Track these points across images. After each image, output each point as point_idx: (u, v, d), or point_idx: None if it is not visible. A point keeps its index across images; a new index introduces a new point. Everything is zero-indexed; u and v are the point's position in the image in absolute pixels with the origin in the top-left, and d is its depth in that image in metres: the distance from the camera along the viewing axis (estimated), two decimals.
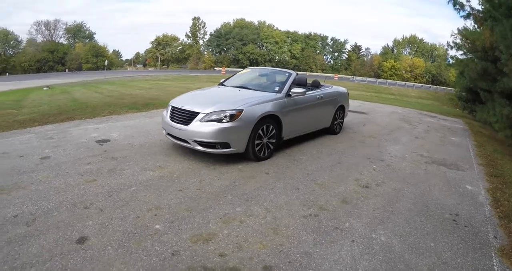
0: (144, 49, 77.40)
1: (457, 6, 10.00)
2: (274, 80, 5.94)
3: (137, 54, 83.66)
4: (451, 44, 11.33)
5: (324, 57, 79.37)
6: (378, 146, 6.51)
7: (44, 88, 17.16)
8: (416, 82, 57.68)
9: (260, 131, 4.64)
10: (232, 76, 6.62)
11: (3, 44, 64.26)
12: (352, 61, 75.61)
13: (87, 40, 71.27)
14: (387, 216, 3.51)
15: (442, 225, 3.43)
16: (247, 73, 6.81)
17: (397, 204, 3.85)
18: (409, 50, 77.43)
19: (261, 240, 2.70)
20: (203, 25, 72.27)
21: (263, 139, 4.77)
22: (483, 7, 9.55)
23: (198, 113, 4.42)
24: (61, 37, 71.26)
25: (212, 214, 3.08)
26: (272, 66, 67.96)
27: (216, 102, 4.66)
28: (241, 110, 4.39)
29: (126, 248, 2.43)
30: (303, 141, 6.29)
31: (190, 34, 72.06)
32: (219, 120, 4.27)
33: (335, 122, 7.10)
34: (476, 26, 10.21)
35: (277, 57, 72.60)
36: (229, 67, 61.21)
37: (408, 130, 8.66)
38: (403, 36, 78.34)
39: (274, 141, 5.02)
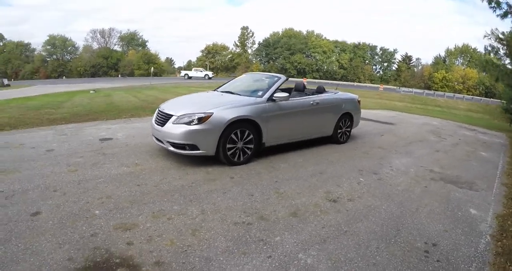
0: (195, 58, 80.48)
1: (493, 4, 8.66)
2: (261, 85, 5.58)
3: (189, 62, 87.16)
4: (488, 48, 9.85)
5: (373, 67, 75.99)
6: (382, 158, 5.72)
7: (90, 92, 18.34)
8: (469, 95, 52.42)
9: (233, 136, 4.51)
10: (228, 81, 6.49)
11: (61, 50, 70.88)
12: (401, 72, 71.16)
13: (140, 48, 75.50)
14: (335, 236, 2.93)
15: (405, 256, 2.72)
16: (241, 79, 6.58)
17: (359, 223, 3.20)
18: (461, 61, 71.10)
19: (173, 238, 2.66)
20: (251, 34, 73.48)
21: (238, 144, 4.59)
22: None
23: (172, 115, 4.51)
24: (115, 45, 76.50)
25: (148, 209, 3.12)
26: (320, 76, 66.76)
27: (192, 105, 4.76)
28: (211, 114, 4.34)
29: (62, 224, 2.75)
30: (295, 148, 5.81)
31: (238, 43, 73.58)
32: (188, 123, 4.29)
33: (340, 131, 6.46)
34: None
35: (325, 67, 71.14)
36: None
37: (431, 143, 7.60)
38: (455, 45, 72.04)
39: (252, 146, 4.77)
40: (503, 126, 13.03)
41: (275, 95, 5.06)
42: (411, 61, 74.35)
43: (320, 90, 6.49)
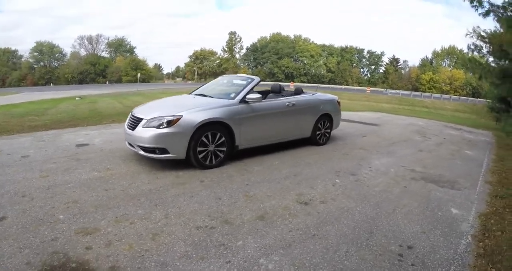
0: (184, 63, 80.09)
1: (475, 3, 8.65)
2: (235, 87, 5.37)
3: (178, 68, 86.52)
4: (471, 46, 9.84)
5: (361, 70, 76.77)
6: (362, 159, 5.53)
7: (76, 98, 17.90)
8: (456, 95, 53.15)
9: (203, 139, 4.36)
10: (203, 84, 6.38)
11: (48, 56, 69.09)
12: (389, 74, 72.02)
13: (128, 54, 74.16)
14: (302, 240, 2.71)
15: (376, 260, 2.49)
16: (216, 81, 6.40)
17: (329, 226, 2.98)
18: (448, 62, 72.29)
19: (133, 242, 2.57)
20: (239, 39, 73.47)
21: (209, 147, 4.42)
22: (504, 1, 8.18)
23: (142, 119, 4.42)
24: (103, 51, 74.81)
25: (112, 213, 3.05)
26: (308, 80, 67.08)
27: (162, 109, 4.68)
28: (180, 117, 4.22)
29: (25, 229, 2.70)
30: (273, 151, 5.58)
31: (226, 49, 73.47)
32: (158, 126, 4.17)
33: (319, 133, 6.27)
34: (498, 25, 8.72)
35: (312, 70, 71.58)
36: (264, 80, 61.39)
37: (415, 143, 7.46)
38: (442, 47, 73.34)
39: (224, 149, 4.60)
40: (489, 124, 13.05)
41: (247, 96, 4.90)
42: (399, 64, 75.44)
43: (298, 91, 6.32)
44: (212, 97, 5.21)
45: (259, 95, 4.93)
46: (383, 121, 11.31)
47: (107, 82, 60.08)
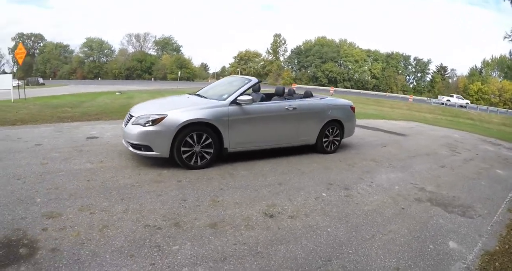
0: (228, 64, 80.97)
1: None
2: (232, 88, 5.03)
3: (223, 68, 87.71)
4: None
5: (406, 77, 72.05)
6: (368, 172, 4.89)
7: (116, 93, 18.74)
8: (505, 108, 47.09)
9: (188, 139, 4.20)
10: (208, 85, 6.25)
11: (98, 52, 72.72)
12: (436, 83, 66.73)
13: (174, 53, 75.85)
14: (241, 256, 2.39)
15: None
16: (219, 82, 6.23)
17: (282, 246, 2.59)
18: (498, 73, 65.10)
19: (82, 231, 2.59)
20: (283, 41, 72.48)
21: (194, 147, 4.25)
22: None
23: (132, 116, 4.42)
24: (149, 49, 77.34)
25: (81, 202, 3.09)
26: (351, 85, 64.53)
27: (153, 107, 4.63)
28: (165, 116, 4.12)
29: (5, 207, 2.89)
30: (272, 156, 5.22)
31: (271, 51, 72.84)
32: (144, 124, 4.12)
33: (326, 140, 5.70)
34: None
35: (356, 76, 68.80)
36: (307, 84, 60.09)
37: (439, 157, 6.55)
38: (492, 56, 66.01)
39: (211, 150, 4.37)
40: None
41: (239, 98, 4.58)
42: (446, 72, 69.61)
43: (307, 95, 5.80)
44: (206, 97, 4.99)
45: (249, 97, 4.60)
46: (414, 131, 10.27)
47: (152, 79, 62.18)
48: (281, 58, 73.12)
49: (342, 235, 2.83)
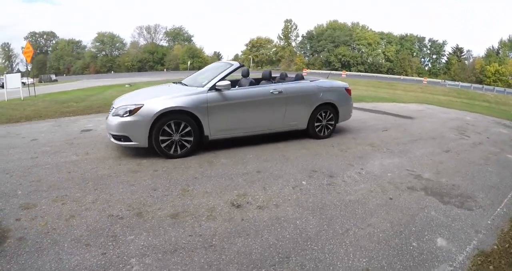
0: (240, 51, 79.44)
1: None
2: (213, 74, 4.66)
3: (236, 56, 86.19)
4: None
5: (421, 60, 68.63)
6: (360, 158, 4.45)
7: (126, 86, 18.59)
8: None
9: (166, 128, 3.99)
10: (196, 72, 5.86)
11: (110, 46, 71.70)
12: (451, 65, 63.00)
13: (186, 43, 74.24)
14: (192, 248, 2.24)
15: None
16: (205, 68, 5.79)
17: (240, 239, 2.35)
18: None
19: (50, 220, 2.58)
20: (295, 27, 70.10)
21: (173, 136, 4.04)
22: None
23: (113, 108, 4.32)
24: (161, 40, 75.50)
25: (57, 193, 3.07)
26: (365, 69, 62.49)
27: (132, 98, 4.44)
28: (141, 105, 3.94)
29: None
30: (258, 142, 4.89)
31: (282, 36, 70.79)
32: (122, 115, 3.98)
33: (318, 124, 5.25)
34: None
35: (370, 59, 66.40)
36: (320, 69, 58.53)
37: (445, 141, 5.97)
38: (509, 36, 61.39)
39: (191, 139, 4.11)
40: None
41: (217, 84, 4.24)
42: (462, 54, 65.46)
43: (298, 78, 5.34)
44: (187, 85, 4.67)
45: (227, 82, 4.25)
46: (423, 114, 9.58)
47: (165, 69, 61.26)
48: (293, 44, 71.06)
49: (311, 229, 2.46)
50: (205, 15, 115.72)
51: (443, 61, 66.94)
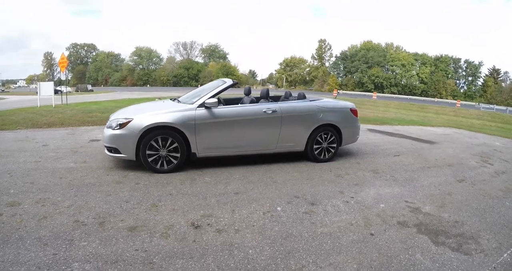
0: (274, 70, 79.34)
1: None
2: (206, 91, 4.58)
3: (271, 74, 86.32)
4: None
5: (456, 82, 64.25)
6: (356, 185, 4.01)
7: (156, 99, 19.12)
8: None
9: (153, 143, 3.93)
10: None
11: (147, 60, 72.96)
12: (488, 87, 58.18)
13: (221, 60, 73.81)
14: (133, 262, 2.17)
15: None
16: (204, 85, 5.71)
17: (178, 261, 1.94)
18: None
19: (25, 219, 2.68)
20: (329, 47, 69.40)
21: (160, 151, 3.96)
22: None
23: (109, 120, 4.38)
24: (196, 56, 76.08)
25: (42, 196, 3.17)
26: (398, 91, 59.98)
27: (127, 112, 4.48)
28: (131, 120, 3.95)
29: None
30: (251, 162, 4.65)
31: (316, 56, 69.97)
32: (114, 128, 4.01)
33: (318, 147, 4.86)
34: None
35: (404, 81, 63.70)
36: (353, 90, 57.15)
37: (462, 169, 5.28)
38: None
39: (178, 155, 4.01)
40: None
41: (206, 101, 4.13)
42: (499, 75, 60.69)
43: (300, 97, 5.05)
44: (180, 101, 4.61)
45: (214, 100, 4.13)
46: (447, 139, 8.73)
47: (199, 85, 62.22)
48: (327, 64, 70.14)
49: (261, 261, 2.15)
50: (241, 33, 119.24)
51: (479, 83, 62.41)
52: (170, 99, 5.12)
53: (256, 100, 5.00)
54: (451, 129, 11.50)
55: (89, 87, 48.25)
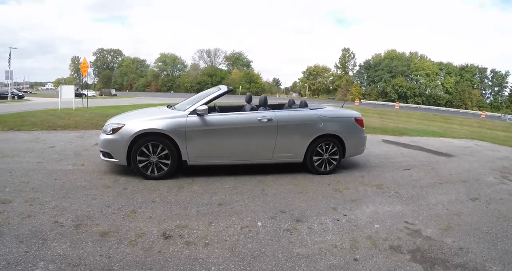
0: (297, 79, 77.81)
1: None
2: (200, 98, 4.44)
3: (295, 83, 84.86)
4: None
5: (482, 92, 60.06)
6: (353, 201, 3.64)
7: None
8: None
9: (143, 149, 3.82)
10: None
11: (171, 66, 70.96)
12: None
13: (245, 68, 71.28)
14: (92, 267, 2.10)
15: None
16: (201, 92, 5.50)
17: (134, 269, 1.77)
18: None
19: (10, 216, 2.73)
20: (352, 56, 67.21)
21: (151, 158, 3.86)
22: None
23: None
24: (220, 64, 73.48)
25: (33, 195, 3.20)
26: (422, 101, 57.34)
27: (123, 117, 4.40)
28: (122, 125, 3.88)
29: None
30: (247, 172, 4.41)
31: (339, 65, 67.89)
32: (107, 133, 3.97)
33: (319, 158, 4.50)
34: None
35: (428, 91, 60.79)
36: (377, 100, 55.36)
37: (478, 186, 4.70)
38: None
39: (169, 162, 3.88)
40: None
41: (198, 108, 3.96)
42: None
43: (302, 105, 4.78)
44: (175, 108, 4.45)
45: (204, 108, 3.96)
46: (466, 151, 8.00)
47: None
48: (350, 73, 68.18)
49: None
50: (265, 41, 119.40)
51: (506, 93, 58.27)
52: (167, 106, 4.97)
53: (257, 108, 4.77)
54: (473, 141, 10.64)
55: (113, 91, 46.77)
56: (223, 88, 4.36)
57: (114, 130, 3.85)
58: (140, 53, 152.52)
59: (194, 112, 3.95)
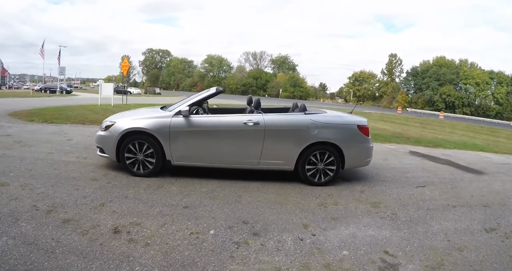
0: (343, 84, 73.45)
1: None
2: (189, 99, 4.26)
3: (341, 88, 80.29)
4: None
5: None
6: (333, 219, 3.08)
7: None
8: None
9: (131, 146, 3.75)
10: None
11: (217, 68, 68.90)
12: None
13: (290, 71, 67.59)
14: (45, 251, 2.11)
15: None
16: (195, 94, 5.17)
17: (75, 258, 1.71)
18: None
19: (1, 198, 2.82)
20: (399, 62, 61.09)
21: (137, 155, 3.77)
22: None
23: None
24: (265, 67, 69.84)
25: (26, 183, 3.24)
26: (471, 111, 50.72)
27: (118, 116, 4.37)
28: (113, 123, 3.86)
29: None
30: (241, 178, 4.03)
31: (386, 71, 62.14)
32: (102, 128, 3.99)
33: (312, 168, 3.92)
34: None
35: (477, 101, 53.39)
36: (423, 108, 50.45)
37: (500, 212, 3.64)
38: None
39: (153, 160, 3.77)
40: None
41: (182, 109, 3.78)
42: None
43: (301, 109, 4.24)
44: (166, 108, 4.28)
45: (186, 108, 3.74)
46: (503, 169, 6.46)
47: (266, 95, 56.11)
48: (397, 80, 61.97)
49: None
50: (311, 45, 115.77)
51: None
52: (161, 107, 4.73)
53: (265, 111, 4.40)
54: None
55: (157, 90, 45.27)
56: (212, 89, 4.18)
57: (106, 127, 3.86)
58: (188, 54, 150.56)
59: (179, 113, 3.77)
